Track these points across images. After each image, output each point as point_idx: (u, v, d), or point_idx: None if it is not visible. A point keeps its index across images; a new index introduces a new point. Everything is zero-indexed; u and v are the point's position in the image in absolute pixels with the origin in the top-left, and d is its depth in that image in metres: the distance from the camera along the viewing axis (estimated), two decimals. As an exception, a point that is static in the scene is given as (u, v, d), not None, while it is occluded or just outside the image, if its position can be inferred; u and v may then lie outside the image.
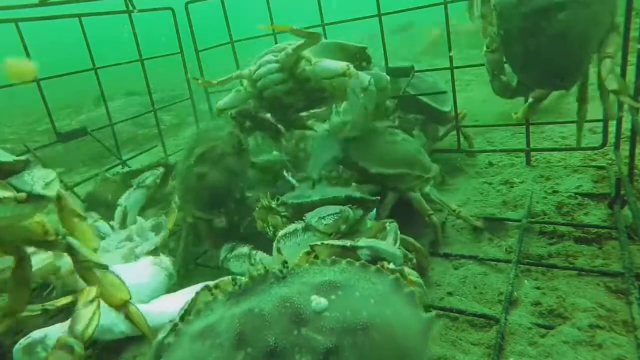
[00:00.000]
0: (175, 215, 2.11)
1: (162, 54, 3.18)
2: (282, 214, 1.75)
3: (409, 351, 0.96)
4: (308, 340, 0.91)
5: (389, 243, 1.50)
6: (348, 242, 1.20)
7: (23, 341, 1.47)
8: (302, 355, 0.90)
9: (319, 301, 0.96)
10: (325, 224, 1.57)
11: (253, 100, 2.21)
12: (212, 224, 2.08)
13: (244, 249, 1.84)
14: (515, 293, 1.62)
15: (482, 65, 2.12)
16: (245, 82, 2.20)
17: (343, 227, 1.60)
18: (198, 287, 1.66)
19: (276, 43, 2.93)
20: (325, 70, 1.89)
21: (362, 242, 1.20)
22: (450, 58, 2.61)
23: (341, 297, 0.98)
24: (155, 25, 4.28)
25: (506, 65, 2.00)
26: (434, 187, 2.12)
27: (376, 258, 1.16)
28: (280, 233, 1.63)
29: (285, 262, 1.11)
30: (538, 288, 1.65)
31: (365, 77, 1.86)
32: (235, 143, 2.00)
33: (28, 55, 2.45)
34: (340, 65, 1.88)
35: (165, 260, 1.92)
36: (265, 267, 1.07)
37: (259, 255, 1.80)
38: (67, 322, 1.53)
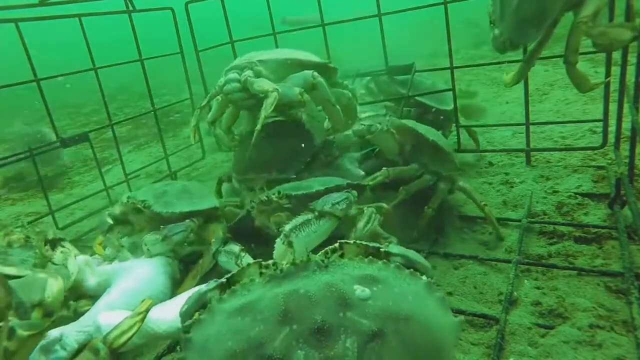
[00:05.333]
0: (210, 260, 1.91)
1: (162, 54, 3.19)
2: (285, 206, 1.74)
3: (443, 349, 0.99)
4: (354, 322, 0.94)
5: (361, 226, 1.64)
6: (381, 247, 1.21)
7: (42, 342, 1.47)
8: (347, 336, 0.92)
9: (362, 289, 0.99)
10: (341, 209, 1.63)
11: (232, 106, 2.30)
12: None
13: (235, 248, 1.84)
14: (515, 293, 1.63)
15: (482, 65, 2.11)
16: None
17: (350, 210, 1.66)
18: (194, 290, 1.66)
19: (276, 43, 2.96)
20: (282, 97, 1.95)
21: (394, 248, 1.21)
22: (450, 58, 2.61)
23: (382, 289, 1.01)
24: (155, 25, 4.28)
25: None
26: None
27: (408, 267, 1.17)
28: (288, 227, 1.62)
29: (327, 252, 1.15)
30: (538, 288, 1.65)
31: (294, 90, 1.98)
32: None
33: (28, 55, 2.45)
34: (294, 92, 1.97)
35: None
36: (308, 255, 1.10)
37: (246, 259, 1.78)
38: (80, 321, 1.55)
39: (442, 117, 2.80)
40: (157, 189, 2.05)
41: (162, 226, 1.86)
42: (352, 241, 1.22)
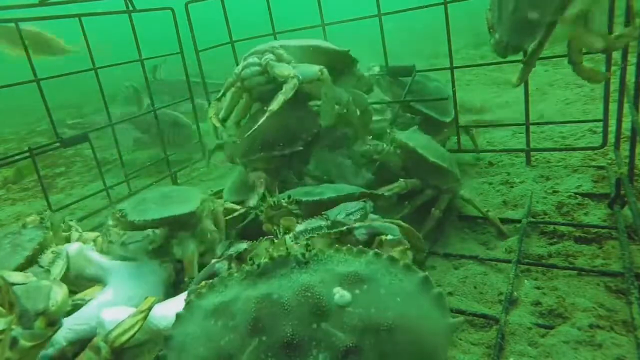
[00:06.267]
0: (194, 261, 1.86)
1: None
2: (294, 211, 1.71)
3: (431, 356, 0.91)
4: (328, 335, 0.86)
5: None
6: (344, 227, 1.18)
7: None
8: (319, 351, 0.85)
9: (342, 294, 0.91)
10: (355, 219, 1.58)
11: (245, 95, 2.25)
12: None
13: (242, 246, 1.80)
14: (515, 293, 1.63)
15: (482, 65, 2.11)
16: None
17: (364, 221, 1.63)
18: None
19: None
20: (302, 78, 1.95)
21: (357, 224, 1.18)
22: (450, 58, 2.61)
23: (366, 292, 0.92)
24: (155, 25, 4.28)
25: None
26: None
27: (373, 234, 1.12)
28: (299, 227, 1.58)
29: (308, 245, 1.06)
30: (538, 288, 1.65)
31: (313, 69, 1.96)
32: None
33: (28, 55, 2.46)
34: (314, 70, 1.95)
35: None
36: (287, 249, 1.02)
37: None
38: (74, 316, 1.53)
39: (444, 128, 2.81)
40: (140, 196, 1.99)
41: (123, 232, 1.78)
42: (315, 234, 1.17)
